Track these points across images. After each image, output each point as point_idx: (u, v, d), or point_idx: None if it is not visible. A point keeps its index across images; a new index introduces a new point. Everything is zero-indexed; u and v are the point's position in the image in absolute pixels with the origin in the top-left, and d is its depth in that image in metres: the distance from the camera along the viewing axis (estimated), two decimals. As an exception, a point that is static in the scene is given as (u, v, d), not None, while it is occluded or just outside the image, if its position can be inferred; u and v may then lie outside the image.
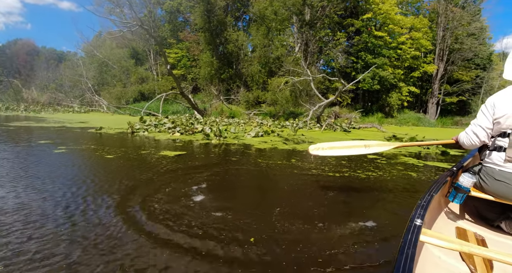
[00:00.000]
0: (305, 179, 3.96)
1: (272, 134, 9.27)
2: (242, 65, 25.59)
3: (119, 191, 3.14)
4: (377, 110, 27.24)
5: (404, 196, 3.41)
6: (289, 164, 4.88)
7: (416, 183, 4.04)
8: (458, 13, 27.99)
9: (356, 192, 3.59)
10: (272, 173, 4.21)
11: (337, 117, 16.95)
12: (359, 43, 27.20)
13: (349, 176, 4.26)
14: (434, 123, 27.69)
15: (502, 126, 1.90)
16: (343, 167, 4.84)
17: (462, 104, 31.22)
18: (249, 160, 5.14)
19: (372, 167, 4.99)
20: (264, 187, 3.68)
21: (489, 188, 2.00)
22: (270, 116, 19.91)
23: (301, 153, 6.22)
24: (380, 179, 4.17)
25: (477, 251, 1.22)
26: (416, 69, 28.56)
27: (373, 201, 3.20)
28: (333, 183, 3.85)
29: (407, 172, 4.74)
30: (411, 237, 1.19)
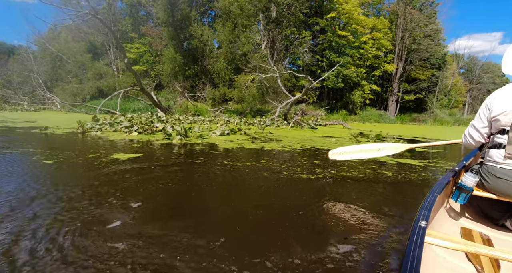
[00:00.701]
0: (278, 183, 3.44)
1: (239, 132, 8.70)
2: (208, 61, 24.68)
3: (32, 209, 2.39)
4: (341, 107, 27.62)
5: (383, 198, 3.02)
6: (259, 166, 4.35)
7: (393, 183, 3.70)
8: (416, 15, 29.07)
9: (332, 195, 3.13)
10: (241, 178, 3.65)
11: (303, 115, 16.74)
12: (323, 42, 27.37)
13: (323, 177, 3.82)
14: (394, 120, 28.62)
15: (501, 123, 1.87)
16: (316, 167, 4.40)
17: (419, 101, 32.64)
18: (214, 162, 4.54)
19: (346, 166, 4.61)
20: (232, 196, 3.09)
21: (491, 187, 1.96)
22: (237, 114, 19.33)
23: (271, 152, 5.72)
24: (355, 179, 3.77)
25: (483, 251, 1.20)
26: (377, 68, 29.33)
27: (353, 206, 2.76)
28: (308, 187, 3.37)
29: (381, 170, 4.40)
30: (417, 238, 1.17)
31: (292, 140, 7.88)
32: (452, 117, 32.64)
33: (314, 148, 6.59)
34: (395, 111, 31.24)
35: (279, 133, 9.85)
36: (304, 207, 2.63)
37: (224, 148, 5.96)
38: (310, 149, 6.49)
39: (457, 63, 39.62)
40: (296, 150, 6.13)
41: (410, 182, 3.81)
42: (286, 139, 8.05)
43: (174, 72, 24.08)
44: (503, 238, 1.96)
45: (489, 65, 44.47)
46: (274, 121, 11.65)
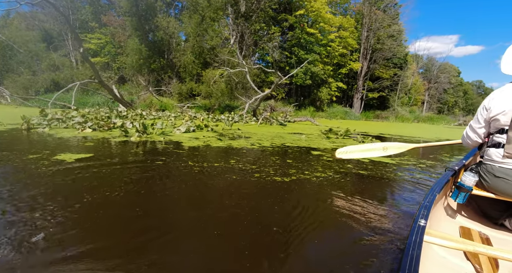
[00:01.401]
0: (249, 188, 3.02)
1: (206, 128, 8.16)
2: (174, 54, 23.62)
3: None
4: (309, 104, 27.77)
5: (363, 200, 2.72)
6: (227, 167, 3.90)
7: (369, 183, 3.44)
8: (380, 15, 29.83)
9: (309, 199, 2.77)
10: (208, 182, 3.17)
11: (272, 111, 16.45)
12: (292, 38, 27.27)
13: (298, 179, 3.46)
14: (359, 117, 29.34)
15: (500, 123, 1.86)
16: (290, 168, 4.04)
17: (382, 99, 33.72)
18: (177, 163, 4.03)
19: (320, 166, 4.30)
20: (197, 205, 2.58)
21: (490, 186, 1.95)
22: (205, 110, 18.65)
23: (240, 151, 5.28)
24: (333, 181, 3.46)
25: (482, 250, 1.19)
26: (343, 66, 29.79)
27: (334, 211, 2.43)
28: (282, 191, 2.99)
29: (357, 170, 4.13)
30: (416, 238, 1.15)
31: (262, 137, 7.50)
32: (412, 114, 34.10)
33: (284, 146, 6.24)
34: (360, 108, 32.03)
35: (248, 129, 9.44)
36: (280, 216, 2.22)
37: (189, 147, 5.42)
38: (281, 146, 6.14)
39: (417, 63, 41.44)
40: (267, 148, 5.74)
41: (387, 181, 3.56)
42: (255, 136, 7.65)
43: (139, 65, 22.76)
44: (502, 237, 1.96)
45: (446, 66, 46.98)
46: (243, 117, 11.23)
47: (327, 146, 6.60)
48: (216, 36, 22.91)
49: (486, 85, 72.63)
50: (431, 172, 4.40)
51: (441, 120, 33.75)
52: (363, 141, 7.78)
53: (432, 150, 7.36)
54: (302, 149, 6.00)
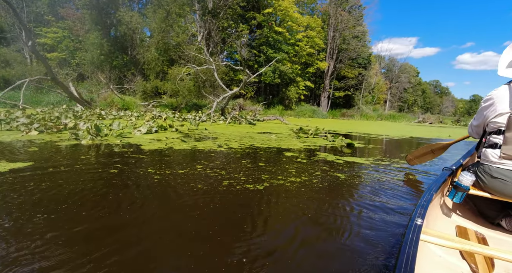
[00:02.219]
0: (218, 200, 2.57)
1: (170, 129, 7.57)
2: (138, 51, 22.44)
3: None
4: (278, 102, 27.69)
5: (346, 207, 2.42)
6: (193, 174, 3.45)
7: (348, 187, 3.17)
8: (346, 16, 30.41)
9: (288, 211, 2.43)
10: (170, 194, 2.70)
11: (241, 109, 16.06)
12: (261, 37, 27.00)
13: (271, 186, 3.09)
14: (326, 115, 29.76)
15: (497, 124, 1.88)
16: (262, 173, 3.66)
17: (347, 98, 34.52)
18: (134, 171, 3.51)
19: (294, 170, 3.97)
20: (158, 224, 2.15)
21: (487, 186, 1.96)
22: (172, 109, 17.83)
23: (207, 154, 4.83)
24: (311, 187, 3.14)
25: (478, 249, 1.19)
26: (311, 65, 30.04)
27: (317, 222, 2.10)
28: (256, 201, 2.61)
29: (333, 173, 3.85)
30: (412, 236, 1.14)
31: (230, 138, 7.06)
32: (376, 112, 35.23)
33: (254, 147, 5.86)
34: (327, 106, 32.53)
35: (215, 129, 8.97)
36: (255, 236, 1.84)
37: (149, 150, 4.87)
38: (251, 148, 5.75)
39: (379, 63, 42.90)
40: (236, 150, 5.33)
41: (365, 184, 3.29)
42: (223, 137, 7.20)
43: (99, 61, 21.36)
44: (498, 237, 1.96)
45: (406, 66, 49.16)
46: (211, 117, 10.72)
47: (299, 146, 6.32)
48: (183, 32, 22.06)
49: (442, 84, 77.22)
50: (411, 173, 4.22)
51: (402, 118, 35.21)
52: (333, 140, 7.62)
53: (401, 150, 7.35)
54: (273, 150, 5.66)
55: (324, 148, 6.49)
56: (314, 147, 6.49)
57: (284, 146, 6.26)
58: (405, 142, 9.27)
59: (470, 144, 4.09)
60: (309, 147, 6.35)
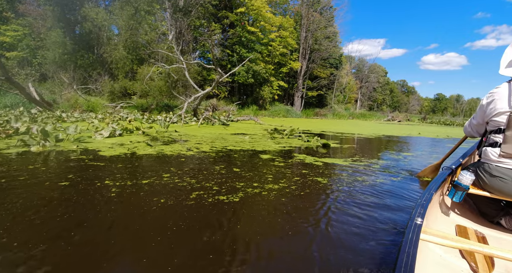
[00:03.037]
0: (185, 218, 2.21)
1: (136, 132, 7.03)
2: (105, 49, 21.30)
3: None
4: (252, 102, 27.42)
5: (332, 222, 2.15)
6: (158, 184, 3.03)
7: (331, 194, 2.91)
8: (317, 17, 30.68)
9: (269, 230, 2.11)
10: (131, 212, 2.30)
11: (215, 110, 15.60)
12: (233, 36, 26.60)
13: (247, 196, 2.76)
14: (300, 114, 29.86)
15: (497, 122, 1.86)
16: (237, 180, 3.31)
17: (320, 97, 34.91)
18: (89, 183, 3.04)
19: (271, 175, 3.65)
20: (113, 250, 1.77)
21: (487, 185, 1.94)
22: (142, 110, 17.03)
23: (175, 159, 4.40)
24: (291, 196, 2.84)
25: (477, 248, 1.18)
26: (284, 65, 30.02)
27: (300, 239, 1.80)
28: (230, 216, 2.27)
29: (313, 177, 3.59)
30: (412, 236, 1.14)
31: (201, 140, 6.65)
32: (347, 111, 35.94)
33: (227, 150, 5.50)
34: (300, 106, 32.68)
35: (186, 131, 8.50)
36: (229, 265, 1.50)
37: (109, 157, 4.36)
38: (223, 151, 5.38)
39: (350, 63, 43.83)
40: (207, 154, 4.94)
41: (349, 189, 3.05)
42: (194, 139, 6.77)
43: (62, 60, 20.03)
44: (498, 236, 1.95)
45: (375, 67, 50.61)
46: (182, 118, 10.21)
47: (274, 148, 6.03)
48: (152, 30, 21.21)
49: (408, 84, 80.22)
50: (392, 173, 4.03)
51: (372, 116, 36.19)
52: (308, 140, 7.42)
53: (377, 148, 7.27)
54: (248, 152, 5.33)
55: (300, 149, 6.25)
56: (289, 148, 6.23)
57: (259, 148, 5.94)
58: (378, 140, 9.27)
59: (469, 144, 3.97)
60: (285, 148, 6.08)
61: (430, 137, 12.04)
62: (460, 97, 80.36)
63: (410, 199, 2.96)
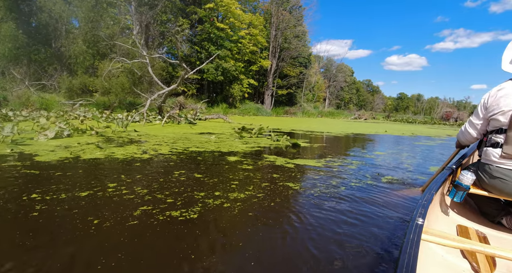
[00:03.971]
0: (124, 244, 1.76)
1: (89, 131, 6.32)
2: (63, 43, 19.72)
3: None
4: (221, 100, 26.80)
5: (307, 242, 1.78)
6: (99, 198, 2.50)
7: (302, 199, 2.56)
8: (287, 16, 30.57)
9: (233, 260, 1.70)
10: (57, 239, 1.81)
11: (182, 108, 14.89)
12: (202, 32, 25.80)
13: (206, 210, 2.33)
14: (270, 113, 29.65)
15: (498, 122, 1.80)
16: (196, 189, 2.86)
17: (290, 96, 34.98)
18: (13, 196, 2.48)
19: (237, 181, 3.23)
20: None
21: (487, 185, 1.90)
22: (104, 108, 15.89)
23: (127, 164, 3.85)
24: (261, 208, 2.45)
25: (479, 248, 1.16)
26: (254, 63, 29.66)
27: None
28: (182, 242, 1.84)
29: (284, 182, 3.21)
30: (413, 236, 1.12)
31: (162, 141, 6.07)
32: (316, 109, 36.37)
33: (189, 152, 5.00)
34: (270, 104, 32.51)
35: (148, 131, 7.85)
36: None
37: (48, 163, 3.71)
38: (185, 153, 4.88)
39: (319, 63, 44.40)
40: (166, 157, 4.41)
41: (324, 195, 2.70)
42: (153, 140, 6.18)
43: (14, 55, 18.25)
44: (499, 235, 1.93)
45: (342, 66, 51.75)
46: (144, 116, 9.49)
47: (242, 149, 5.61)
48: (115, 24, 19.94)
49: (373, 83, 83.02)
50: (367, 177, 3.74)
51: (340, 115, 36.96)
52: (277, 140, 7.08)
53: (347, 147, 7.08)
54: (213, 154, 4.86)
55: (270, 149, 5.88)
56: (258, 148, 5.84)
57: (225, 149, 5.49)
58: (348, 139, 9.15)
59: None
60: (253, 149, 5.68)
61: (397, 134, 12.21)
62: (421, 96, 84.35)
63: (387, 205, 2.66)
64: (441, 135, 13.47)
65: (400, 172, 4.19)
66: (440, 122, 34.81)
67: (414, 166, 4.75)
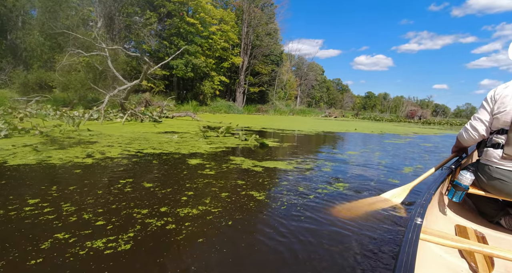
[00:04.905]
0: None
1: (33, 131, 5.53)
2: (18, 35, 17.99)
3: None
4: (192, 98, 25.90)
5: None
6: (9, 220, 1.95)
7: (271, 214, 2.14)
8: (259, 13, 30.12)
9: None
10: None
11: (148, 105, 14.03)
12: (171, 27, 24.71)
13: (145, 238, 1.86)
14: (242, 111, 29.16)
15: (500, 122, 1.74)
16: (141, 203, 2.34)
17: (262, 93, 34.65)
18: None
19: (193, 191, 2.75)
20: None
21: (486, 185, 1.86)
22: (64, 105, 14.63)
23: (63, 171, 3.22)
24: (214, 229, 1.98)
25: (477, 248, 1.13)
26: (225, 60, 28.97)
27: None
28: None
29: (249, 191, 2.77)
30: (412, 236, 1.09)
31: (115, 141, 5.41)
32: (288, 107, 36.37)
33: (143, 154, 4.41)
34: (242, 102, 32.01)
35: (103, 130, 7.10)
36: None
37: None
38: (138, 156, 4.29)
39: (290, 61, 44.43)
40: (115, 161, 3.80)
41: (291, 204, 2.28)
42: (105, 140, 5.49)
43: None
44: (498, 235, 1.91)
45: (313, 65, 52.20)
46: (102, 113, 8.65)
47: (205, 150, 5.09)
48: (76, 14, 18.48)
49: (343, 82, 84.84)
50: (340, 181, 3.37)
51: (311, 112, 37.24)
52: (246, 139, 6.63)
53: (318, 147, 6.76)
54: (172, 157, 4.31)
55: (237, 150, 5.41)
56: (224, 149, 5.35)
57: (185, 150, 4.95)
58: (319, 137, 8.89)
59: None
60: (219, 150, 5.18)
61: (366, 132, 12.19)
62: (387, 95, 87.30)
63: (370, 221, 2.27)
64: (408, 133, 13.67)
65: (375, 174, 3.88)
66: (405, 120, 36.00)
67: (389, 167, 4.48)
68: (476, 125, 1.93)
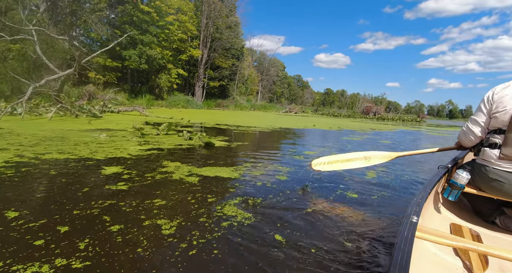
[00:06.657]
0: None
1: None
2: None
3: None
4: (146, 91, 24.12)
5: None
6: None
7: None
8: (219, 5, 28.82)
9: None
10: None
11: (92, 98, 12.43)
12: (123, 14, 22.68)
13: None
14: (201, 105, 27.87)
15: (498, 121, 1.70)
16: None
17: (222, 88, 33.54)
18: None
19: (75, 225, 1.87)
20: None
21: (482, 185, 1.84)
22: None
23: None
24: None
25: (472, 246, 1.14)
26: (183, 52, 27.46)
27: None
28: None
29: (164, 220, 1.94)
30: (407, 234, 1.08)
31: (17, 142, 4.21)
32: (249, 103, 35.69)
33: (40, 161, 3.33)
34: (202, 96, 30.68)
35: (15, 127, 5.78)
36: None
37: None
38: (31, 164, 3.21)
39: (252, 56, 43.67)
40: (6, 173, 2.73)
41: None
42: (4, 141, 4.27)
43: None
44: (492, 234, 1.88)
45: (275, 61, 51.98)
46: (23, 107, 7.18)
47: (132, 153, 4.10)
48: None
49: (303, 79, 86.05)
50: (296, 192, 2.60)
51: (272, 108, 36.91)
52: (190, 138, 5.71)
53: (272, 146, 6.03)
54: (81, 165, 3.28)
55: (175, 151, 4.48)
56: (158, 151, 4.39)
57: (103, 154, 3.91)
58: (276, 135, 8.20)
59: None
60: (150, 153, 4.21)
61: (324, 129, 11.81)
62: (345, 92, 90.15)
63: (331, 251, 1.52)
64: (365, 129, 13.55)
65: (335, 181, 3.18)
66: (361, 116, 37.02)
67: (347, 171, 3.82)
68: (472, 127, 1.91)
